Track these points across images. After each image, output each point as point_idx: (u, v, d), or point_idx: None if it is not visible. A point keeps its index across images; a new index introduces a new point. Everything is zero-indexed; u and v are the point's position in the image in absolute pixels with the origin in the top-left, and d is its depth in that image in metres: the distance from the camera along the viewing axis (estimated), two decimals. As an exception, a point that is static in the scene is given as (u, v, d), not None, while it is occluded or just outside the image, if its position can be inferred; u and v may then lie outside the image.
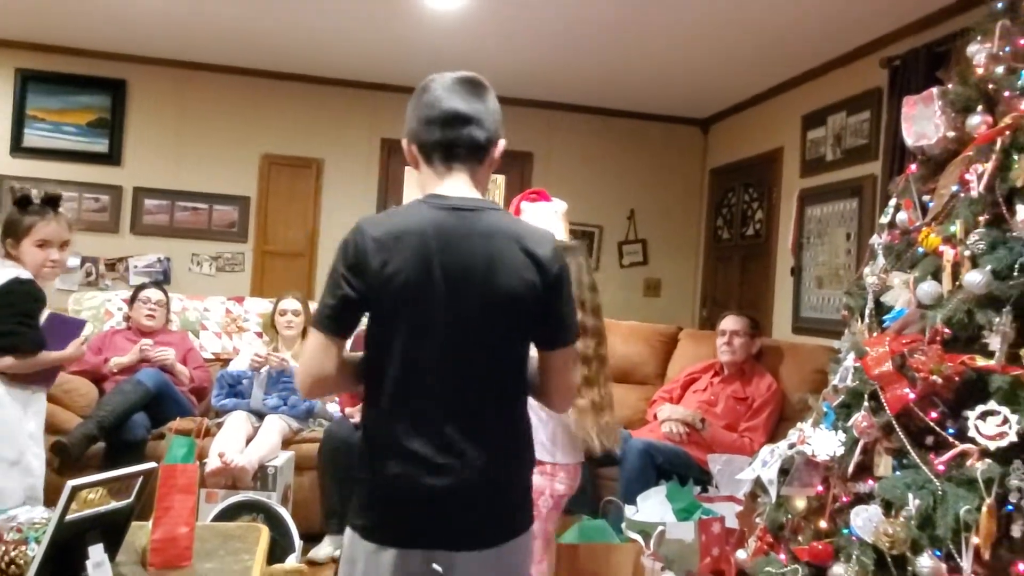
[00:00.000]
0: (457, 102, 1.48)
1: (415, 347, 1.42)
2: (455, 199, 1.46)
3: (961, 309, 1.90)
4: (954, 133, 2.15)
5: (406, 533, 1.45)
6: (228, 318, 4.45)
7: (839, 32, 4.15)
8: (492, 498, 1.49)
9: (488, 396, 1.48)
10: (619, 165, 6.14)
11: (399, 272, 1.39)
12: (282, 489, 3.40)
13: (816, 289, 4.73)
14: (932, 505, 1.80)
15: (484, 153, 1.51)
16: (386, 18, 4.33)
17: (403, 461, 1.43)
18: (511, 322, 1.46)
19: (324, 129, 5.70)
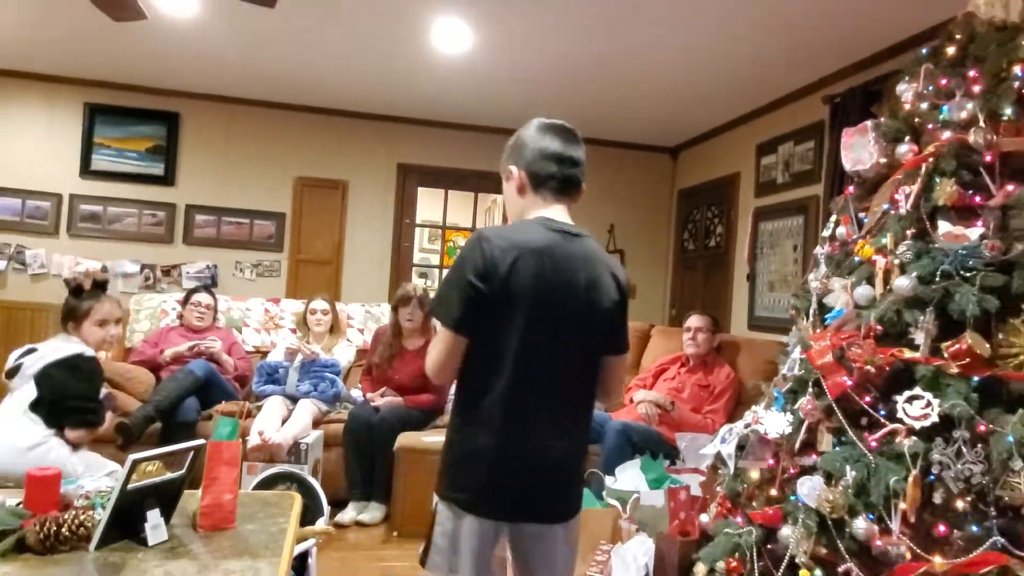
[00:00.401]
0: (573, 150, 1.56)
1: (531, 342, 1.44)
2: (563, 224, 1.53)
3: (891, 309, 1.90)
4: (885, 159, 2.16)
5: (507, 507, 1.48)
6: (266, 316, 4.45)
7: (788, 73, 4.16)
8: (570, 482, 1.54)
9: (577, 393, 1.54)
10: (600, 186, 6.13)
11: (521, 278, 1.42)
12: (312, 462, 3.40)
13: (768, 292, 4.73)
14: (866, 476, 1.80)
15: (579, 192, 1.60)
16: (402, 61, 4.34)
17: (508, 445, 1.45)
18: (600, 332, 1.53)
19: (348, 155, 5.70)
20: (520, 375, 1.44)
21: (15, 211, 5.18)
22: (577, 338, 1.49)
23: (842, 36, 3.54)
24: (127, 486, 1.59)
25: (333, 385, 3.78)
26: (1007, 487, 1.67)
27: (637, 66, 4.17)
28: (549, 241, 1.48)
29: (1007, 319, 1.80)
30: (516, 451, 1.46)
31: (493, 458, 1.45)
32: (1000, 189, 1.88)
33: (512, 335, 1.43)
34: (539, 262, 1.44)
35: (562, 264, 1.47)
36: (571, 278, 1.47)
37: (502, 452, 1.45)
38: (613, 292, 1.53)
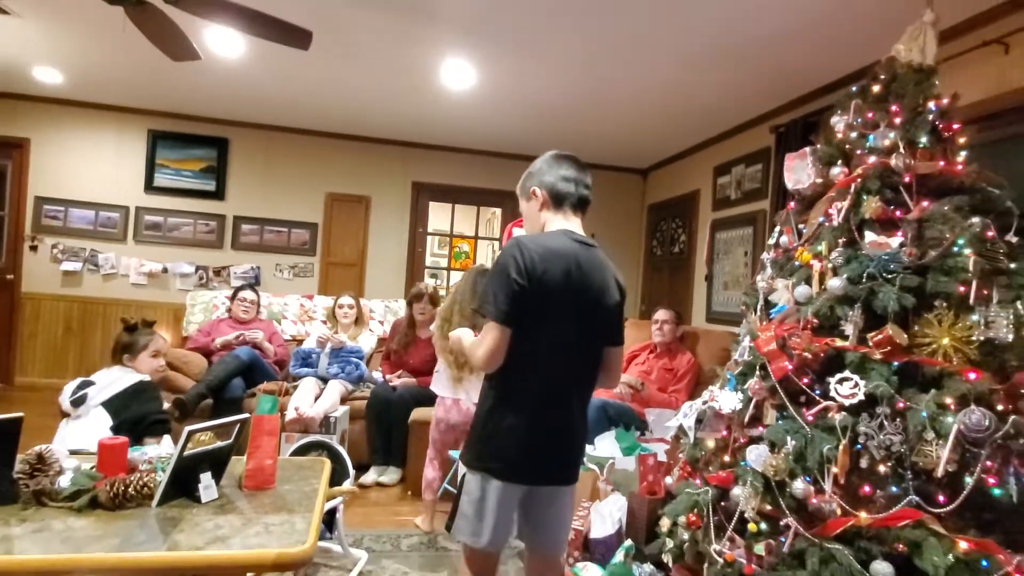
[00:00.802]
0: (585, 176, 1.63)
1: (558, 333, 1.48)
2: (581, 236, 1.58)
3: (825, 305, 1.91)
4: (821, 180, 2.17)
5: (535, 474, 1.51)
6: (301, 310, 4.44)
7: (740, 106, 4.17)
8: (582, 451, 1.59)
9: (590, 377, 1.58)
10: (583, 201, 6.15)
11: (553, 278, 1.47)
12: (340, 433, 3.40)
13: (723, 291, 4.75)
14: (804, 445, 1.81)
15: (587, 208, 1.65)
16: (416, 95, 4.33)
17: (539, 421, 1.48)
18: (606, 326, 1.58)
19: (371, 175, 5.69)
20: (551, 362, 1.49)
21: (89, 221, 5.17)
22: (592, 330, 1.54)
23: (786, 75, 3.55)
24: (183, 453, 1.59)
25: (357, 368, 3.78)
26: (921, 454, 1.68)
27: (613, 99, 4.17)
28: (573, 249, 1.53)
29: (922, 314, 1.81)
30: (546, 427, 1.49)
31: (525, 432, 1.47)
32: (916, 205, 1.89)
33: (545, 327, 1.47)
34: (567, 265, 1.49)
35: (584, 268, 1.51)
36: (590, 280, 1.52)
37: (534, 427, 1.48)
38: (616, 293, 1.59)
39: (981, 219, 1.82)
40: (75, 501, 1.53)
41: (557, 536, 1.59)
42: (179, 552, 1.34)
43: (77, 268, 5.11)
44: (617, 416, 3.32)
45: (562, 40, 3.29)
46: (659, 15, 2.91)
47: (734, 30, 2.99)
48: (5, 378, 5.07)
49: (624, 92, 3.99)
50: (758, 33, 2.96)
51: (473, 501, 1.50)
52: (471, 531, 1.50)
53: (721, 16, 2.88)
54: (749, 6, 2.74)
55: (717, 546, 1.90)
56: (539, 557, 1.60)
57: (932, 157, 1.94)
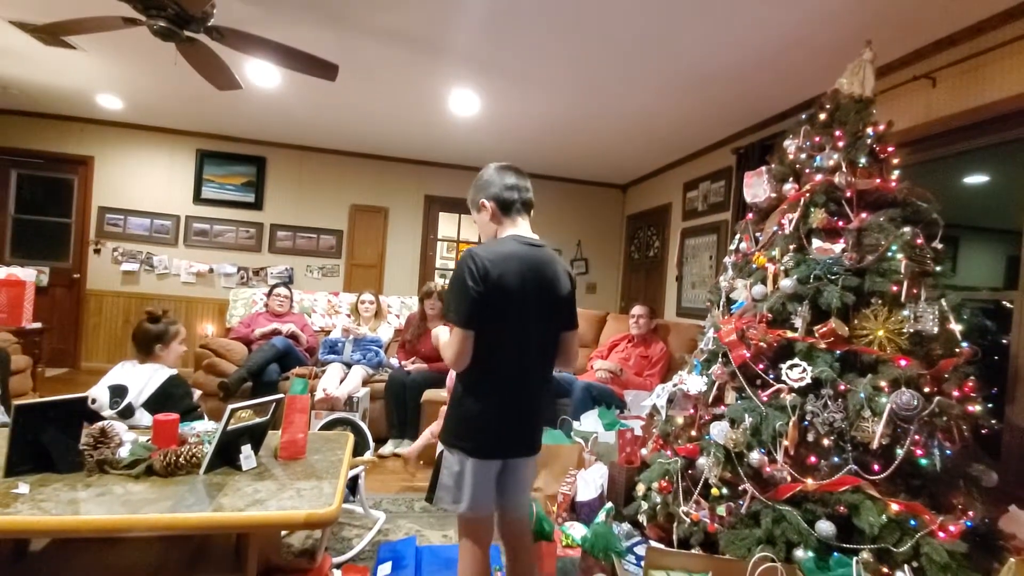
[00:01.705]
0: (524, 180, 1.59)
1: (518, 327, 1.47)
2: (529, 238, 1.54)
3: (778, 302, 1.92)
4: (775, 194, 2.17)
5: (505, 448, 1.50)
6: (329, 305, 4.43)
7: (706, 131, 4.17)
8: (541, 427, 1.59)
9: (549, 361, 1.56)
10: (570, 211, 6.15)
11: (509, 280, 1.45)
12: (362, 411, 3.39)
13: (691, 290, 4.75)
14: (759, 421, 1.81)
15: (531, 208, 1.61)
16: (429, 119, 4.32)
17: (507, 404, 1.48)
18: (561, 314, 1.56)
19: (389, 189, 5.67)
20: (513, 353, 1.47)
21: (146, 228, 5.15)
22: (548, 321, 1.52)
23: (747, 103, 3.55)
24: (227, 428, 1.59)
25: (377, 355, 3.77)
26: (859, 429, 1.69)
27: (598, 123, 4.17)
28: (524, 252, 1.51)
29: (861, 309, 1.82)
30: (512, 409, 1.49)
31: (495, 416, 1.47)
32: (856, 216, 1.90)
33: (506, 324, 1.46)
34: (519, 267, 1.47)
35: (535, 267, 1.50)
36: (542, 277, 1.50)
37: (501, 411, 1.48)
38: (567, 284, 1.57)
39: (911, 228, 1.83)
40: (133, 469, 1.53)
41: (520, 499, 1.58)
42: (223, 513, 1.34)
43: (135, 268, 5.10)
44: (600, 397, 3.33)
45: (554, 72, 3.29)
46: (642, 47, 2.91)
47: (707, 59, 2.98)
48: (73, 363, 5.06)
49: (607, 117, 3.98)
50: (726, 62, 2.95)
51: (452, 474, 1.49)
52: (452, 499, 1.49)
53: (696, 47, 2.87)
54: (722, 39, 2.73)
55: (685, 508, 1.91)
56: (508, 518, 1.59)
57: (870, 175, 1.95)
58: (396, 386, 3.52)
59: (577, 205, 6.15)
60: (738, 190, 3.83)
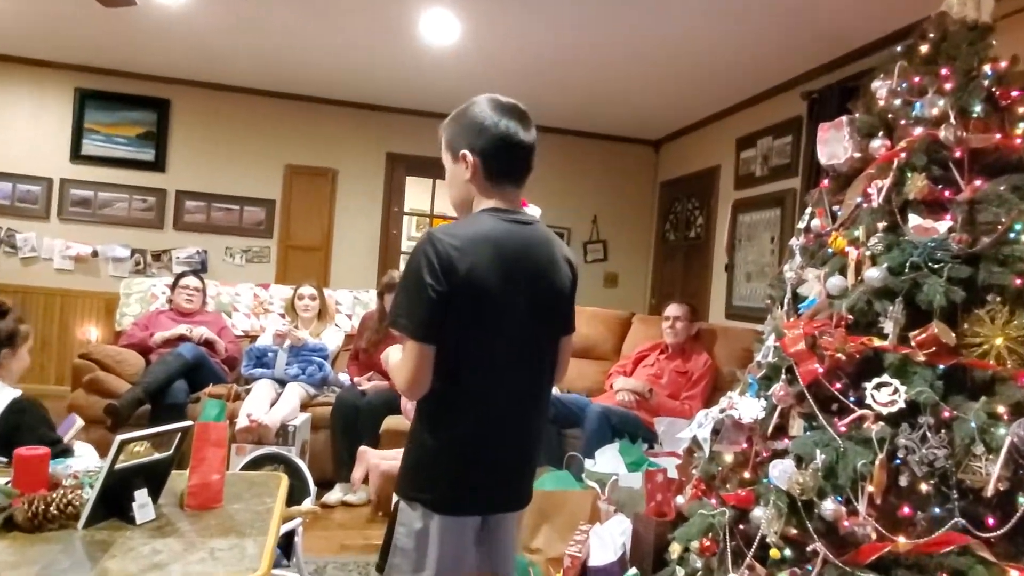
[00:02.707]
0: (529, 135, 1.45)
1: (501, 334, 1.38)
2: (516, 214, 1.44)
3: (862, 299, 1.91)
4: (859, 154, 2.16)
5: (478, 501, 1.43)
6: (255, 301, 4.42)
7: (767, 70, 4.17)
8: (534, 471, 1.54)
9: (545, 378, 1.50)
10: (585, 177, 6.15)
11: (481, 275, 1.32)
12: (300, 444, 3.39)
13: (745, 282, 4.77)
14: (835, 459, 1.81)
15: (528, 175, 1.48)
16: (391, 50, 4.30)
17: (485, 441, 1.40)
18: (560, 315, 1.50)
19: (338, 144, 5.66)
20: (494, 370, 1.38)
21: (6, 195, 5.10)
22: (543, 324, 1.45)
23: (821, 34, 3.55)
24: (115, 466, 1.57)
25: (321, 369, 3.77)
26: (968, 471, 1.69)
27: (621, 58, 4.16)
28: (504, 232, 1.38)
29: (972, 310, 1.82)
30: (496, 446, 1.41)
31: (471, 454, 1.38)
32: (968, 184, 1.90)
33: (483, 333, 1.36)
34: (497, 255, 1.35)
35: (522, 253, 1.39)
36: (532, 266, 1.41)
37: (481, 448, 1.39)
38: (567, 274, 1.50)
39: (1043, 201, 1.83)
40: (-14, 522, 1.51)
41: (504, 567, 1.53)
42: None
43: (-9, 250, 5.06)
44: (621, 426, 3.33)
45: (562, -12, 3.28)
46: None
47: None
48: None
49: (634, 48, 3.97)
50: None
51: (412, 534, 1.39)
52: (411, 567, 1.39)
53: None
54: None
55: (735, 575, 1.92)
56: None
57: (987, 129, 1.94)
58: (346, 410, 3.51)
59: (592, 168, 6.16)
60: (810, 148, 3.84)
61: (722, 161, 5.15)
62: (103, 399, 3.39)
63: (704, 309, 5.08)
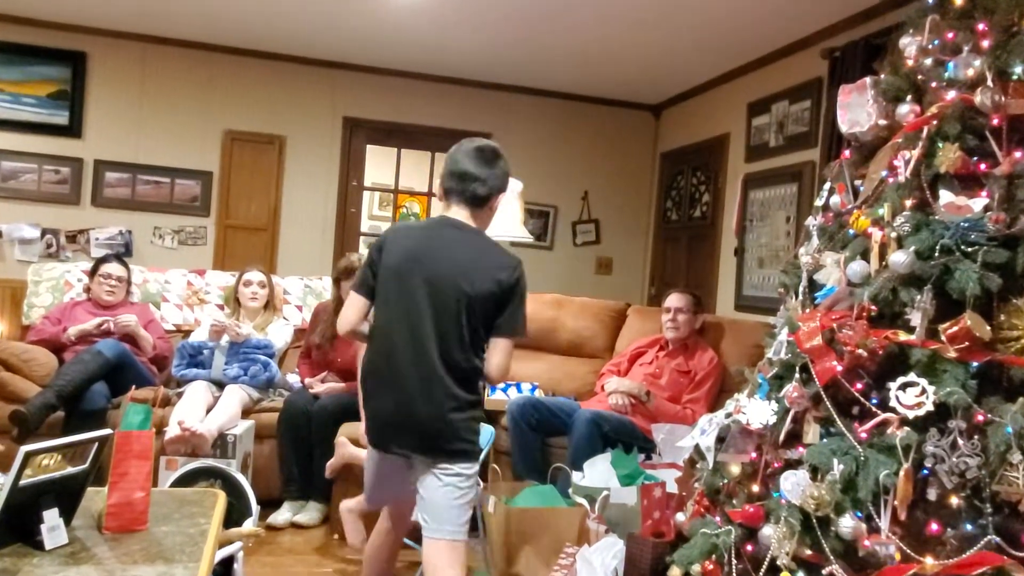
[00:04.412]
0: (485, 171, 2.11)
1: (400, 308, 2.06)
2: (456, 220, 2.12)
3: (886, 287, 1.93)
4: (885, 121, 2.18)
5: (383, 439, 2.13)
6: (189, 290, 4.38)
7: (783, 23, 4.18)
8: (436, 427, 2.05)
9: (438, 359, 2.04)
10: (574, 147, 6.14)
11: (393, 257, 2.08)
12: (241, 457, 3.37)
13: (757, 269, 4.80)
14: (855, 470, 1.84)
15: (483, 202, 2.13)
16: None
17: (383, 393, 2.08)
18: (468, 312, 2.03)
19: (286, 106, 5.60)
20: (395, 337, 2.05)
21: None
22: (446, 310, 2.02)
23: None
24: (19, 482, 1.55)
25: (266, 369, 3.74)
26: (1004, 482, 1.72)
27: (615, 11, 4.15)
28: (431, 228, 2.15)
29: (1009, 299, 1.84)
30: (391, 398, 2.05)
31: (374, 400, 2.11)
32: (1007, 156, 1.91)
33: (388, 302, 2.08)
34: (412, 244, 2.08)
35: (435, 247, 2.06)
36: (438, 259, 2.05)
37: (381, 397, 2.08)
38: (490, 283, 2.03)
39: (1092, 176, 1.86)
40: None
41: (426, 513, 2.07)
42: (12, 617, 1.32)
43: None
44: (614, 433, 3.35)
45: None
46: None
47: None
48: None
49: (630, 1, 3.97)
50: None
51: (367, 467, 2.27)
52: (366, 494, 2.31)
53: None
54: None
55: (740, 602, 1.94)
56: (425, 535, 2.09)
57: (1029, 93, 1.96)
58: (296, 417, 3.50)
59: (582, 137, 6.16)
60: (831, 115, 3.86)
61: (731, 129, 5.17)
62: (8, 404, 3.35)
63: (710, 299, 5.11)
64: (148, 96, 5.37)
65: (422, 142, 5.94)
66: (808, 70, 4.35)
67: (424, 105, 5.79)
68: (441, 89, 5.81)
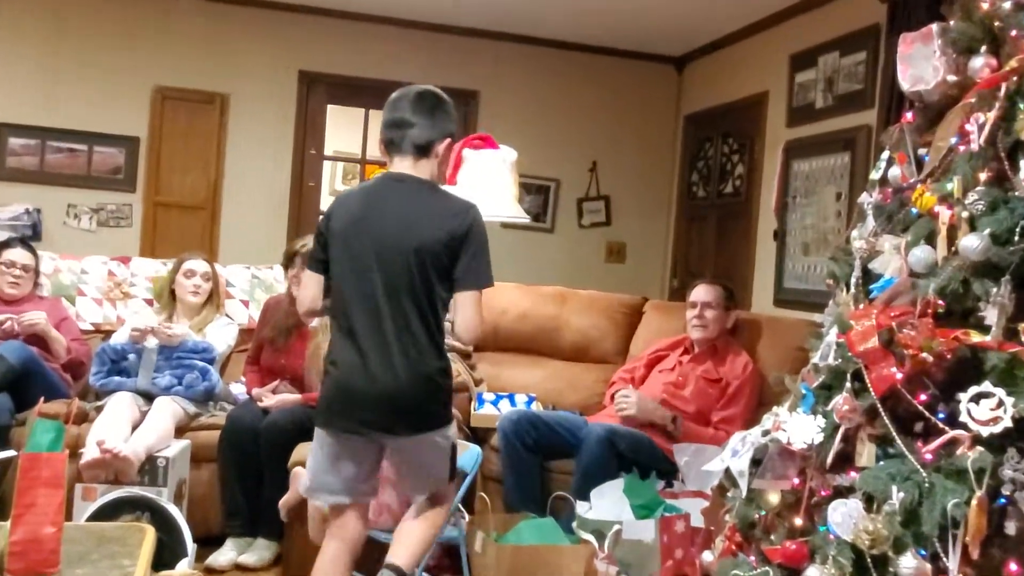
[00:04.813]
0: (405, 112, 2.30)
1: (355, 279, 2.25)
2: (398, 173, 2.33)
3: (956, 278, 1.93)
4: (955, 77, 2.17)
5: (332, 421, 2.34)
6: (111, 282, 4.34)
7: (834, -42, 4.18)
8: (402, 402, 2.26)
9: (402, 321, 2.24)
10: (580, 109, 6.13)
11: (337, 223, 2.30)
12: (175, 484, 3.36)
13: (801, 256, 4.80)
14: (918, 499, 1.84)
15: (424, 150, 2.30)
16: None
17: (342, 371, 2.28)
18: (427, 266, 2.23)
19: (230, 58, 5.60)
20: (346, 310, 2.26)
21: None
22: (398, 273, 2.22)
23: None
24: (-99, 515, 1.55)
25: (205, 377, 3.73)
26: (1097, 513, 1.73)
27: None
28: (373, 187, 2.38)
29: (1105, 293, 1.85)
30: (348, 375, 2.25)
31: (332, 380, 2.30)
32: (1102, 120, 1.92)
33: (342, 275, 2.28)
34: (355, 206, 2.32)
35: (377, 206, 2.27)
36: (383, 217, 2.25)
37: (339, 377, 2.27)
38: (436, 232, 2.23)
39: None
40: None
41: (407, 479, 2.42)
42: None
43: None
44: (631, 453, 3.33)
45: None
46: None
47: None
48: None
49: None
50: None
51: (312, 450, 2.40)
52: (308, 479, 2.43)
53: None
54: None
55: (779, 658, 1.95)
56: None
57: None
58: (241, 436, 3.50)
59: (590, 97, 6.15)
60: (891, 69, 3.86)
61: (770, 87, 5.17)
62: None
63: (744, 293, 5.13)
64: (62, 47, 5.36)
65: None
66: (863, 15, 4.35)
67: (397, 57, 5.78)
68: (417, 38, 5.79)
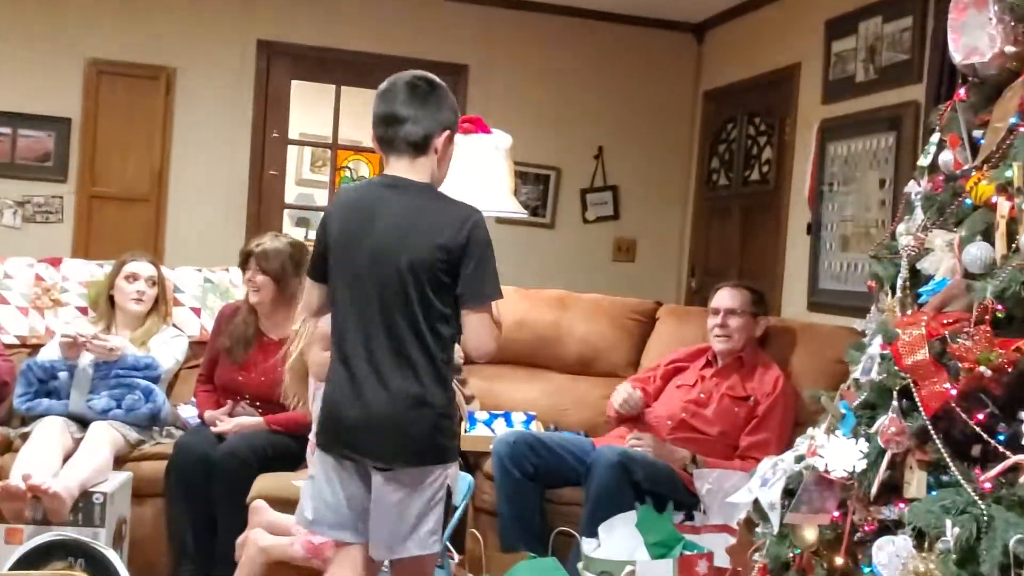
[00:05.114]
0: (396, 104, 2.29)
1: (349, 292, 2.28)
2: (394, 177, 2.33)
3: (1017, 280, 1.94)
4: (1014, 48, 2.18)
5: (334, 443, 2.35)
6: (38, 287, 4.33)
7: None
8: (388, 430, 2.25)
9: (398, 341, 2.25)
10: (583, 86, 6.14)
11: (331, 233, 2.33)
12: (114, 524, 3.36)
13: (840, 252, 4.81)
14: (975, 534, 1.84)
15: (421, 147, 2.29)
16: None
17: (337, 389, 2.32)
18: (417, 282, 2.22)
19: (177, 26, 5.61)
20: (342, 326, 2.30)
21: None
22: (382, 290, 2.24)
23: None
24: None
25: (148, 398, 3.72)
26: None
27: None
28: (365, 193, 2.50)
29: None
30: (342, 395, 2.28)
31: (329, 396, 2.34)
32: None
33: (337, 287, 2.32)
34: (349, 213, 2.36)
35: (371, 214, 2.29)
36: (371, 228, 2.26)
37: (335, 394, 2.31)
38: (429, 246, 2.21)
39: None
40: None
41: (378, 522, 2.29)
42: None
43: None
44: (648, 482, 3.32)
45: None
46: None
47: None
48: None
49: None
50: None
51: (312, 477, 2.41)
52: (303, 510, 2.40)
53: None
54: None
55: None
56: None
57: None
58: (191, 467, 3.51)
59: (595, 71, 6.17)
60: (941, 38, 3.87)
61: (803, 58, 5.18)
62: None
63: (774, 296, 5.13)
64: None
65: (371, 77, 5.88)
66: (909, -26, 4.36)
67: (372, 25, 5.79)
68: (398, 4, 5.79)
